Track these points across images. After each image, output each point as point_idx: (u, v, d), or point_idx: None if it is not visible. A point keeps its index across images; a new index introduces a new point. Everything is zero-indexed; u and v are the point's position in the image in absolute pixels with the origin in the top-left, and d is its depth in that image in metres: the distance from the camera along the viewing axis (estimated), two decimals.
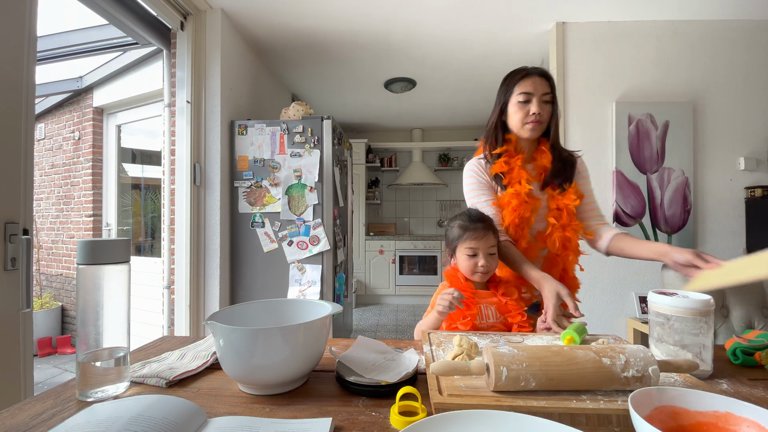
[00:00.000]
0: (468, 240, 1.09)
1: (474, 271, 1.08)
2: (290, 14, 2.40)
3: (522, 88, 1.12)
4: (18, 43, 1.10)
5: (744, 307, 1.38)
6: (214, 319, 0.64)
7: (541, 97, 1.11)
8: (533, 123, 1.11)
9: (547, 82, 1.14)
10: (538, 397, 0.54)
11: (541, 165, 1.18)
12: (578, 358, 0.56)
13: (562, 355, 0.57)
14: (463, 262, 1.10)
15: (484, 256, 1.07)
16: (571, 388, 0.55)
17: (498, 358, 0.55)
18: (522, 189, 1.11)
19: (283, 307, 0.78)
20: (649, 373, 0.54)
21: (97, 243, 0.59)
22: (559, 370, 0.55)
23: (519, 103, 1.12)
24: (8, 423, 0.51)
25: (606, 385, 0.55)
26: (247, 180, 2.42)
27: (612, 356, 0.56)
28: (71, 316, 3.56)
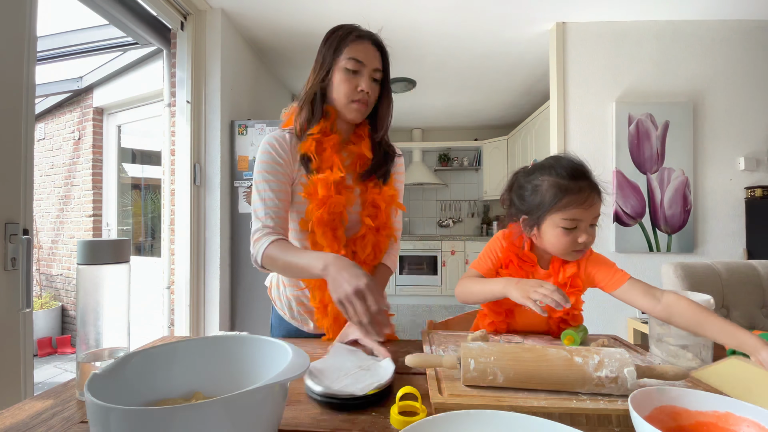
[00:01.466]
0: (569, 207, 0.77)
1: (572, 250, 0.80)
2: (290, 14, 2.40)
3: (352, 53, 0.86)
4: (18, 43, 1.10)
5: (744, 307, 1.38)
6: (105, 377, 0.40)
7: (371, 72, 0.87)
8: (359, 103, 0.88)
9: (380, 54, 0.90)
10: (539, 396, 0.54)
11: (357, 152, 0.93)
12: (549, 355, 0.56)
13: (533, 352, 0.57)
14: (555, 238, 0.79)
15: (586, 228, 0.79)
16: (541, 385, 0.55)
17: (467, 351, 0.57)
18: (333, 176, 0.86)
19: (224, 354, 0.52)
20: (624, 375, 0.53)
21: (97, 243, 0.59)
22: (528, 366, 0.55)
23: (347, 72, 0.86)
24: (8, 423, 0.51)
25: (579, 385, 0.54)
26: (247, 180, 2.42)
27: (585, 356, 0.55)
28: (71, 316, 3.56)
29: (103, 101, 3.33)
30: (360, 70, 0.87)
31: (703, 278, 1.40)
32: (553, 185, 0.80)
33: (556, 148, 2.51)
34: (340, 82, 0.87)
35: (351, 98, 0.87)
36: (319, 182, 0.86)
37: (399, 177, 1.02)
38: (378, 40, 0.90)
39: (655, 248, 2.44)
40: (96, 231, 3.34)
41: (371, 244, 0.93)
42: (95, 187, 3.35)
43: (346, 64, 0.86)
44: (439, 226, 5.41)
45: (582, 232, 0.79)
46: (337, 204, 0.87)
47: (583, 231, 0.79)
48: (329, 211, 0.86)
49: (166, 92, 2.31)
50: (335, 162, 0.88)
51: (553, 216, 0.79)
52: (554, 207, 0.79)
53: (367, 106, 0.90)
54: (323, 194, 0.85)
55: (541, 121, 3.53)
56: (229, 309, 2.45)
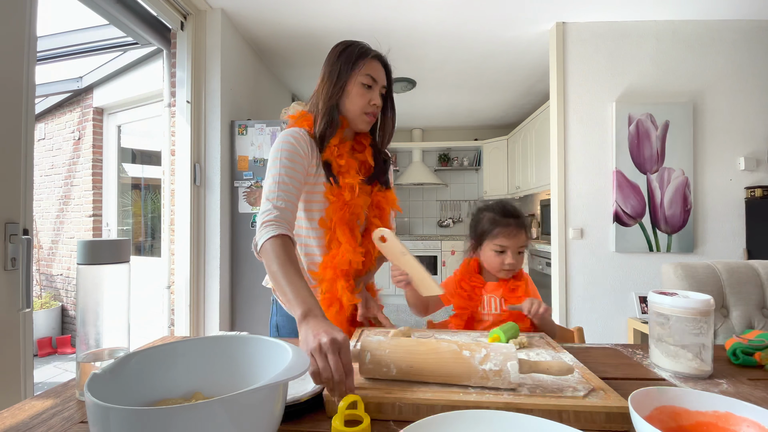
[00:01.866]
0: (499, 236, 1.02)
1: (500, 269, 1.04)
2: (290, 14, 2.40)
3: (369, 70, 0.96)
4: (18, 43, 1.10)
5: (744, 307, 1.38)
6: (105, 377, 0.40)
7: (380, 88, 0.99)
8: (370, 116, 0.98)
9: (386, 72, 1.01)
10: (429, 389, 0.55)
11: (362, 159, 1.03)
12: (440, 349, 0.59)
13: (426, 345, 0.60)
14: (490, 258, 1.04)
15: (513, 254, 1.02)
16: (433, 378, 0.57)
17: (365, 344, 0.60)
18: (354, 181, 0.95)
19: (224, 354, 0.51)
20: (507, 368, 0.55)
21: (97, 243, 0.59)
22: (420, 359, 0.57)
23: (363, 87, 0.95)
24: (8, 423, 0.51)
25: (466, 378, 0.56)
26: (247, 180, 2.42)
27: (473, 349, 0.58)
28: (71, 316, 3.56)
29: (103, 101, 3.33)
30: (373, 86, 0.97)
31: (703, 278, 1.40)
32: (490, 219, 1.06)
33: (556, 148, 2.51)
34: (356, 96, 0.96)
35: (364, 110, 0.97)
36: (346, 186, 0.95)
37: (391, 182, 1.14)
38: (386, 61, 1.01)
39: (655, 248, 2.44)
40: (96, 231, 3.33)
41: None
42: (95, 187, 3.35)
43: (363, 79, 0.95)
44: (439, 226, 5.41)
45: (508, 256, 1.02)
46: (356, 206, 0.97)
47: (509, 255, 1.02)
48: (350, 212, 0.96)
49: (166, 92, 2.31)
50: (353, 167, 0.98)
51: (488, 242, 1.05)
52: (489, 235, 1.05)
53: (375, 118, 1.01)
54: (349, 197, 0.95)
55: (541, 121, 3.53)
56: (229, 309, 2.45)
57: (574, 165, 2.50)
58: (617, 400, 0.52)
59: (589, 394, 0.54)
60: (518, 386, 0.56)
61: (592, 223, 2.49)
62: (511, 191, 4.64)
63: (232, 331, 1.77)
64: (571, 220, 2.49)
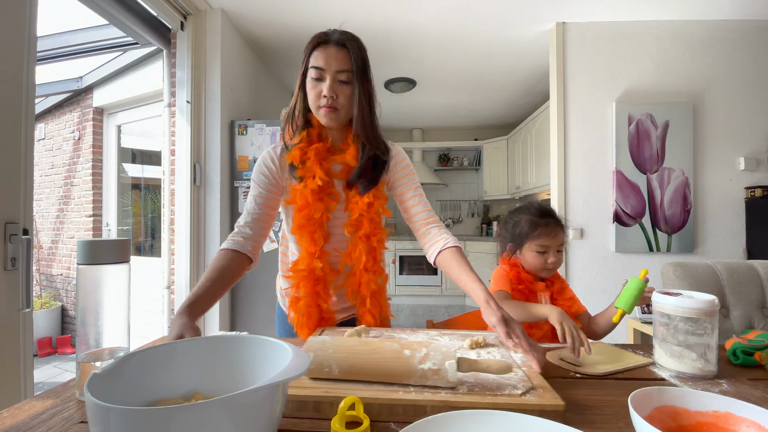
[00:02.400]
0: (540, 237, 1.05)
1: (543, 268, 1.06)
2: (290, 14, 2.40)
3: (313, 61, 0.87)
4: (18, 43, 1.10)
5: (744, 307, 1.38)
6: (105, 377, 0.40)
7: (334, 75, 0.87)
8: (325, 108, 0.88)
9: (347, 54, 0.87)
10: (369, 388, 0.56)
11: (343, 160, 0.95)
12: (382, 349, 0.59)
13: (369, 345, 0.60)
14: (532, 259, 1.07)
15: (554, 253, 1.05)
16: (375, 377, 0.57)
17: (309, 345, 0.62)
18: (311, 184, 0.90)
19: (224, 354, 0.51)
20: (445, 367, 0.55)
21: (97, 243, 0.59)
22: (362, 359, 0.58)
23: (312, 80, 0.88)
24: (8, 423, 0.51)
25: (406, 377, 0.56)
26: (247, 180, 2.42)
27: (414, 349, 0.58)
28: (71, 316, 3.56)
29: (103, 101, 3.33)
30: (322, 76, 0.87)
31: (703, 278, 1.40)
32: (528, 221, 1.08)
33: (556, 148, 2.51)
34: (308, 91, 0.90)
35: (318, 104, 0.89)
36: (297, 190, 0.92)
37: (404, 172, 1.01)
38: (340, 40, 0.88)
39: (655, 248, 2.44)
40: (96, 231, 3.33)
41: (364, 253, 0.95)
42: (95, 187, 3.35)
43: (311, 73, 0.88)
44: None
45: (550, 255, 1.05)
46: (316, 209, 0.91)
47: (551, 254, 1.05)
48: (308, 217, 0.91)
49: (166, 92, 2.31)
50: (316, 171, 0.91)
51: (530, 243, 1.07)
52: (530, 236, 1.07)
53: (335, 109, 0.89)
54: (302, 200, 0.91)
55: (541, 121, 3.53)
56: (229, 309, 2.45)
57: (574, 165, 2.50)
58: (552, 398, 0.53)
59: (528, 393, 0.55)
60: (459, 385, 0.56)
61: (592, 223, 2.49)
62: (511, 191, 4.64)
63: (232, 331, 1.77)
64: (571, 220, 2.49)
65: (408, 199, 0.99)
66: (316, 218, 0.92)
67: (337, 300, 1.01)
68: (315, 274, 0.93)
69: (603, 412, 0.55)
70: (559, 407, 0.51)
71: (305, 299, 0.94)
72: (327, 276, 0.95)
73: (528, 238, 1.07)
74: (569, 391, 0.62)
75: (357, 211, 0.94)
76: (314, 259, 0.93)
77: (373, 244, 0.96)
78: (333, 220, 0.96)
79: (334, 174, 0.96)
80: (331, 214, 0.95)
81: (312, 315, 0.94)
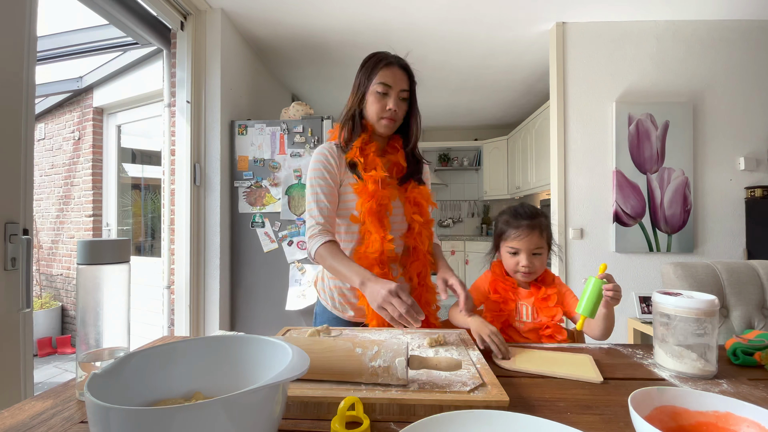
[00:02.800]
0: (511, 238, 1.04)
1: (515, 271, 1.05)
2: (290, 14, 2.40)
3: (382, 78, 1.04)
4: (18, 43, 1.10)
5: (744, 307, 1.38)
6: (105, 377, 0.40)
7: (399, 92, 1.05)
8: (388, 120, 1.05)
9: (406, 76, 1.07)
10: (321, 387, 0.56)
11: (394, 160, 1.11)
12: (335, 347, 0.60)
13: (322, 344, 0.61)
14: (506, 260, 1.07)
15: (527, 256, 1.02)
16: (328, 376, 0.58)
17: None
18: (378, 175, 1.03)
19: (224, 354, 0.51)
20: (395, 365, 0.56)
21: (97, 243, 0.59)
22: (314, 357, 0.57)
23: (378, 94, 1.04)
24: (8, 423, 0.51)
25: (357, 375, 0.57)
26: (247, 180, 2.42)
27: (366, 347, 0.59)
28: (71, 316, 3.56)
29: (103, 101, 3.33)
30: (388, 92, 1.04)
31: (703, 278, 1.40)
32: (504, 221, 1.09)
33: (556, 148, 2.51)
34: (372, 103, 1.05)
35: (380, 116, 1.04)
36: (369, 179, 1.03)
37: (428, 182, 1.19)
38: (404, 64, 1.08)
39: (655, 248, 2.44)
40: (96, 231, 3.34)
41: (426, 236, 1.09)
42: (95, 187, 3.35)
43: (377, 87, 1.03)
44: (439, 226, 5.40)
45: (522, 258, 1.03)
46: (383, 196, 1.03)
47: (523, 257, 1.03)
48: (377, 203, 1.02)
49: (166, 92, 2.31)
50: (378, 163, 1.05)
51: (503, 244, 1.08)
52: (503, 236, 1.08)
53: (394, 121, 1.06)
54: (372, 188, 1.02)
55: (541, 121, 3.53)
56: (229, 309, 2.45)
57: (574, 165, 2.50)
58: (499, 395, 0.53)
59: (476, 390, 0.55)
60: (409, 382, 0.57)
61: (592, 223, 2.49)
62: (511, 191, 4.64)
63: (232, 331, 1.77)
64: (571, 220, 2.49)
65: None
66: (384, 204, 1.03)
67: None
68: (379, 257, 1.01)
69: (603, 412, 0.55)
70: (503, 403, 0.52)
71: None
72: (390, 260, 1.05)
73: (501, 238, 1.08)
74: (569, 391, 0.62)
75: (423, 201, 1.10)
76: (386, 242, 1.01)
77: (431, 230, 1.12)
78: None
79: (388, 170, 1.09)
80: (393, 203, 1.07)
81: None
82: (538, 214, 1.07)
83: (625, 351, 0.81)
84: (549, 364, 0.73)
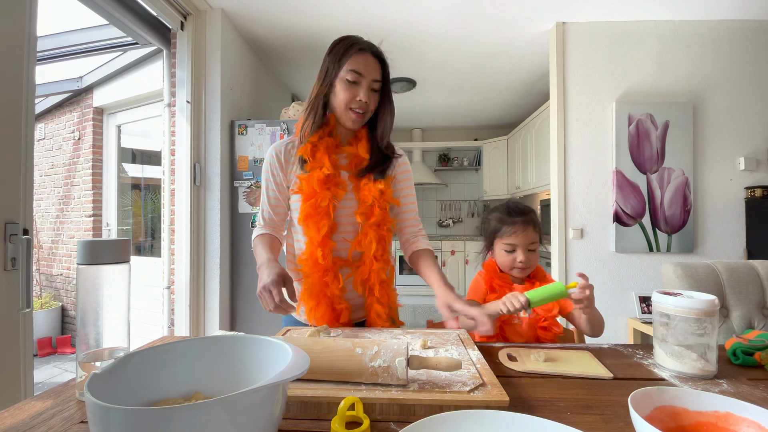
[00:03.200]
0: (506, 235, 1.04)
1: (512, 267, 1.05)
2: (290, 14, 2.40)
3: (353, 65, 0.93)
4: (18, 43, 1.10)
5: (744, 306, 1.38)
6: (105, 377, 0.40)
7: (371, 82, 0.94)
8: (356, 112, 0.95)
9: (379, 65, 0.96)
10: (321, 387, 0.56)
11: (353, 152, 1.00)
12: (335, 348, 0.60)
13: (321, 344, 0.61)
14: (501, 258, 1.06)
15: (524, 252, 1.02)
16: (329, 376, 0.58)
17: None
18: (318, 174, 0.94)
19: (224, 354, 0.51)
20: (395, 365, 0.56)
21: (97, 243, 0.59)
22: (314, 357, 0.57)
23: (347, 82, 0.93)
24: (8, 423, 0.51)
25: (357, 375, 0.57)
26: (247, 180, 2.42)
27: (366, 347, 0.59)
28: (71, 316, 3.56)
29: (103, 101, 3.33)
30: (359, 81, 0.94)
31: (703, 278, 1.40)
32: (497, 219, 1.09)
33: (556, 148, 2.51)
34: (340, 91, 0.94)
35: (349, 106, 0.95)
36: (304, 180, 0.96)
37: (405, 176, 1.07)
38: (378, 52, 0.97)
39: (655, 248, 2.44)
40: (96, 231, 3.33)
41: (375, 240, 0.97)
42: (95, 187, 3.35)
43: (347, 75, 0.93)
44: (439, 226, 5.40)
45: (519, 253, 1.03)
46: (322, 198, 0.94)
47: (520, 253, 1.03)
48: (315, 206, 0.94)
49: (166, 92, 2.31)
50: (325, 162, 0.96)
51: (498, 241, 1.07)
52: (498, 234, 1.07)
53: (363, 115, 0.97)
54: (309, 190, 0.94)
55: (541, 121, 3.53)
56: (229, 309, 2.45)
57: (574, 165, 2.50)
58: (499, 395, 0.53)
59: (476, 390, 0.55)
60: (409, 382, 0.57)
61: (592, 223, 2.49)
62: (511, 191, 4.64)
63: (232, 331, 1.77)
64: (571, 220, 2.49)
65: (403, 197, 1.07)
66: (323, 207, 0.94)
67: (349, 295, 1.01)
68: (320, 264, 0.94)
69: (603, 412, 0.55)
70: (503, 403, 0.52)
71: (312, 290, 0.95)
72: (335, 265, 0.97)
73: (496, 236, 1.07)
74: (569, 391, 0.62)
75: (370, 198, 0.97)
76: (317, 248, 0.94)
77: (383, 232, 0.99)
78: (341, 210, 0.98)
79: (342, 166, 1.00)
80: (338, 203, 0.97)
81: (321, 305, 0.94)
82: (529, 210, 1.08)
83: (625, 351, 0.81)
84: (558, 363, 0.73)
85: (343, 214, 0.99)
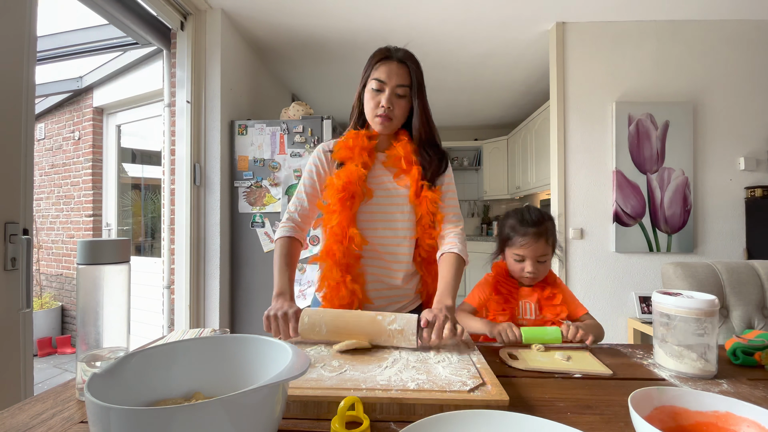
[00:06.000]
0: (517, 245, 1.03)
1: (520, 276, 1.05)
2: (290, 14, 2.40)
3: (376, 74, 0.98)
4: (18, 43, 1.10)
5: (744, 307, 1.38)
6: (105, 377, 0.40)
7: (394, 88, 0.97)
8: (381, 117, 0.99)
9: (406, 71, 0.99)
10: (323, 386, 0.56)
11: (395, 154, 1.02)
12: (361, 315, 0.77)
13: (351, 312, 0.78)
14: (511, 265, 1.06)
15: (533, 263, 1.01)
16: (354, 336, 0.73)
17: (306, 311, 0.78)
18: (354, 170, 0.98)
19: (224, 354, 0.51)
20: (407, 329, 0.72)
21: (97, 243, 0.59)
22: (345, 320, 0.75)
23: (372, 91, 0.99)
24: (8, 423, 0.51)
25: (377, 336, 0.73)
26: (247, 180, 2.42)
27: (386, 316, 0.75)
28: (71, 316, 3.56)
29: (103, 101, 3.33)
30: (383, 88, 0.98)
31: (703, 278, 1.40)
32: (510, 226, 1.07)
33: (556, 148, 2.51)
34: (367, 100, 1.01)
35: (374, 113, 1.00)
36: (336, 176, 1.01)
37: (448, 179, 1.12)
38: (404, 59, 1.01)
39: (655, 248, 2.44)
40: (96, 231, 3.34)
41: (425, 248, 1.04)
42: (95, 187, 3.35)
43: (371, 84, 1.00)
44: None
45: (527, 264, 1.03)
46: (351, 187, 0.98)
47: (528, 264, 1.02)
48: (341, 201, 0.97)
49: (166, 92, 2.31)
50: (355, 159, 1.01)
51: (509, 249, 1.07)
52: (509, 242, 1.07)
53: (390, 119, 1.00)
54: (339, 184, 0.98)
55: (541, 121, 3.53)
56: (229, 309, 2.45)
57: (574, 165, 2.50)
58: (498, 395, 0.53)
59: (476, 389, 0.55)
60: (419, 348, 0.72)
61: (592, 223, 2.49)
62: (511, 191, 4.63)
63: (232, 332, 1.77)
64: (571, 220, 2.49)
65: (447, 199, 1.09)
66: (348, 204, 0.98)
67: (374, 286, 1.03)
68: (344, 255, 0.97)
69: (603, 412, 0.55)
70: (503, 403, 0.52)
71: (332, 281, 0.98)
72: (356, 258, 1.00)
73: (507, 243, 1.06)
74: (570, 391, 0.62)
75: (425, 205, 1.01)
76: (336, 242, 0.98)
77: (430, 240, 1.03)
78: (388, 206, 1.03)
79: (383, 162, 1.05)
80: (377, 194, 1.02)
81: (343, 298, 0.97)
82: (544, 219, 1.05)
83: (625, 351, 0.81)
84: (559, 361, 0.74)
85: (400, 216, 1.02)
